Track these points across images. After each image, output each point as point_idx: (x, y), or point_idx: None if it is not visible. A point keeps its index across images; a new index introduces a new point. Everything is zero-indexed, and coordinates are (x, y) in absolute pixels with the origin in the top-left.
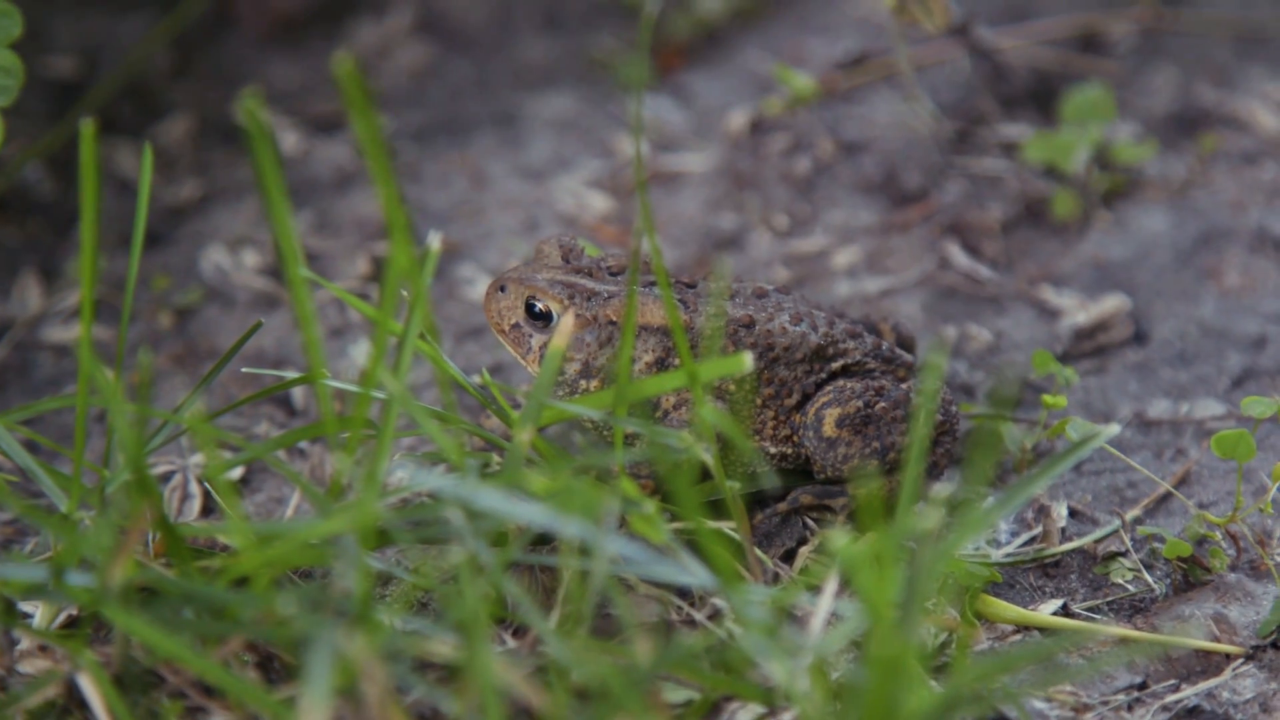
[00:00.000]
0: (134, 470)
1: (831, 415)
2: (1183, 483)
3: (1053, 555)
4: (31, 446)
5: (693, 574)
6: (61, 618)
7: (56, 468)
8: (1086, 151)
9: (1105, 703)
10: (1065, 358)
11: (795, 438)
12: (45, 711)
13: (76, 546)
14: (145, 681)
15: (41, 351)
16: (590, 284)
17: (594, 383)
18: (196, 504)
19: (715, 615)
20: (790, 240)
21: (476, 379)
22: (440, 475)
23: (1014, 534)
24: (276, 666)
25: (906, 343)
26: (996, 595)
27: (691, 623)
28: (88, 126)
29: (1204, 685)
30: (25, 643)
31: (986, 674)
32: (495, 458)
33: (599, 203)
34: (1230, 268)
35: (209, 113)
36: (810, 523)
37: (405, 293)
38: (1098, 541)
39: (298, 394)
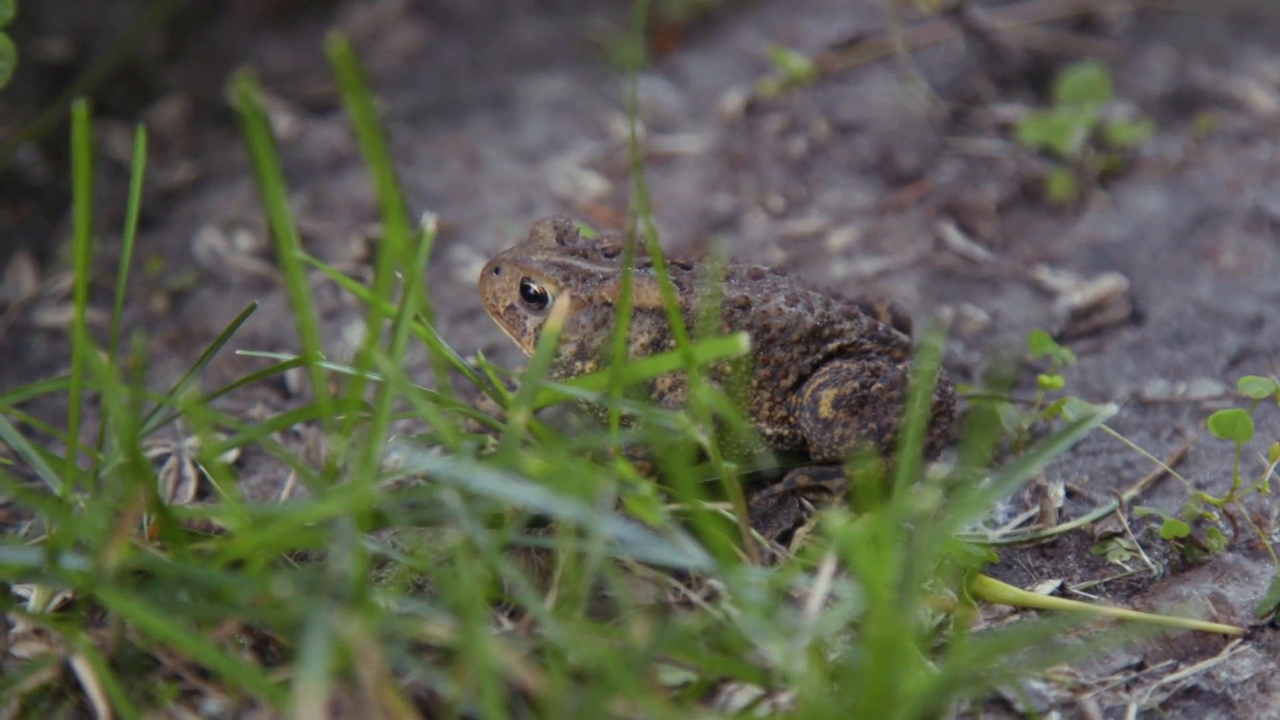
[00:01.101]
0: (129, 453)
1: (828, 396)
2: (1180, 463)
3: (1050, 536)
4: (25, 430)
5: (689, 555)
6: (56, 601)
7: (50, 451)
8: (1082, 132)
9: (1103, 683)
10: (1062, 338)
11: (791, 419)
12: (40, 695)
13: (71, 529)
14: (140, 664)
15: (35, 335)
16: (585, 265)
17: (589, 364)
18: (191, 487)
19: (712, 597)
20: (785, 221)
21: (472, 361)
22: (436, 457)
23: (1011, 514)
24: (272, 649)
25: (903, 324)
26: (994, 576)
27: (688, 604)
28: (80, 109)
29: (1202, 665)
30: (20, 626)
31: (984, 655)
32: (491, 440)
33: (594, 184)
34: (1227, 248)
35: (202, 95)
36: (807, 504)
37: (400, 275)
38: (1095, 522)
39: (292, 376)
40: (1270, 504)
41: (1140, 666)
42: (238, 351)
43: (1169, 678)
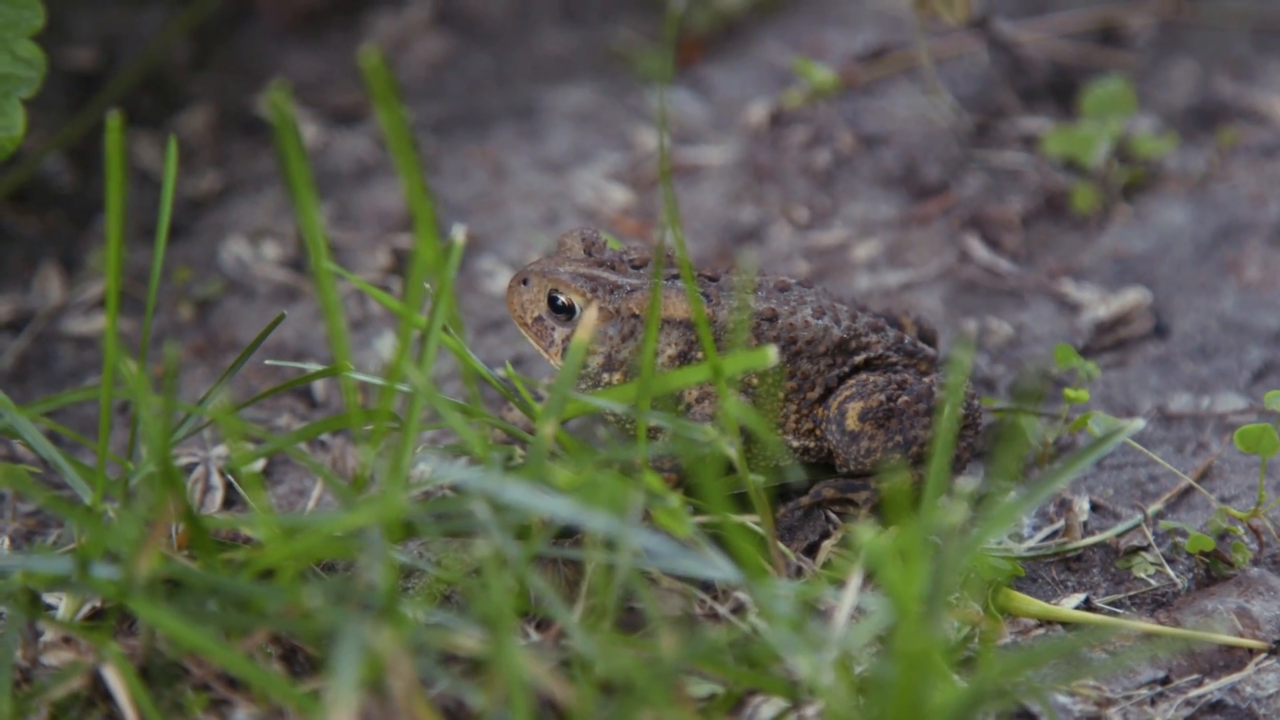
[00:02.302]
0: (159, 462)
1: (854, 409)
2: (1205, 477)
3: (1075, 549)
4: (54, 438)
5: (717, 568)
6: (86, 610)
7: (79, 459)
8: (1106, 145)
9: (1128, 697)
10: (1086, 351)
11: (818, 431)
12: (70, 703)
13: (101, 538)
14: (170, 674)
15: (63, 343)
16: (613, 277)
17: (617, 376)
18: (219, 496)
19: (739, 609)
20: (810, 233)
21: (499, 372)
22: (464, 468)
23: (1036, 528)
24: (301, 659)
25: (928, 336)
26: (1019, 589)
27: (715, 616)
28: (114, 119)
29: (1227, 680)
30: (50, 635)
31: (1011, 669)
32: (519, 451)
33: (619, 195)
34: (1250, 261)
35: (229, 104)
36: (833, 516)
37: (429, 286)
38: (1120, 536)
39: (319, 386)
40: None
41: (1165, 681)
42: (266, 361)
43: (1194, 692)
